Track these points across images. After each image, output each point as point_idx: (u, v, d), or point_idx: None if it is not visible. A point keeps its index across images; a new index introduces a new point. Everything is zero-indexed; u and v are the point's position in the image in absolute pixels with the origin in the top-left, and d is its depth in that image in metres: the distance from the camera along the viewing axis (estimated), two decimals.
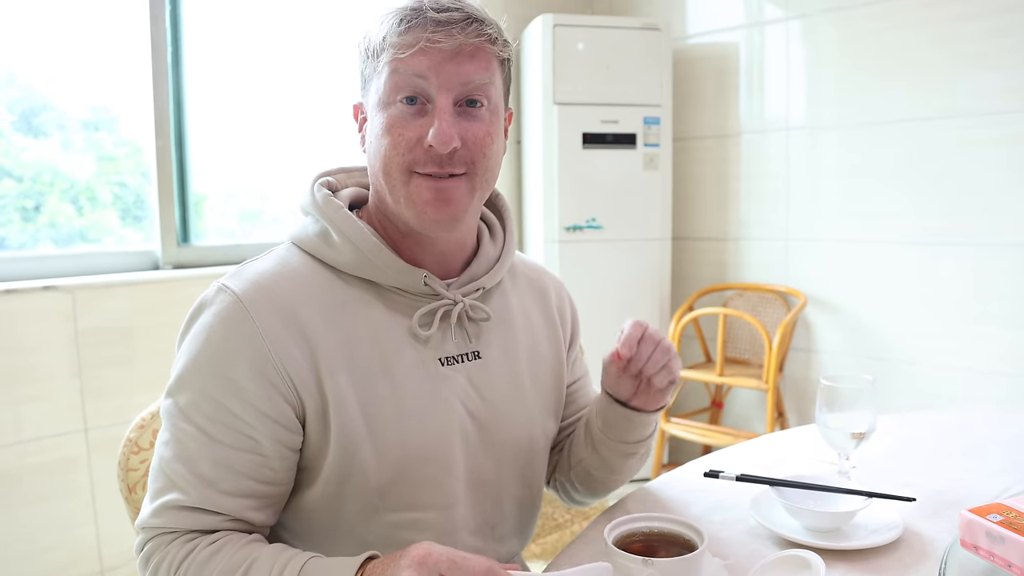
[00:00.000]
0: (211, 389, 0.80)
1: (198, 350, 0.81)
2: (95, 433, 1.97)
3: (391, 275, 0.87)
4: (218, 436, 0.79)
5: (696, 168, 3.20)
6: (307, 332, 0.82)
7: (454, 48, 0.81)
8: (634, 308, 3.02)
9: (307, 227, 0.90)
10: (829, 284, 2.86)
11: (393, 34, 0.81)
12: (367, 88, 0.87)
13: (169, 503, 0.78)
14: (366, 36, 0.86)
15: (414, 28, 0.80)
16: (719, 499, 1.06)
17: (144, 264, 2.19)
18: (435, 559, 0.66)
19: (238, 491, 0.80)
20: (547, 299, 1.05)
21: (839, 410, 1.05)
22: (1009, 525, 0.76)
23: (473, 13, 0.83)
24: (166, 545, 0.78)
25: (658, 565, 0.71)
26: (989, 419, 1.46)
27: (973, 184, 2.49)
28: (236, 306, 0.81)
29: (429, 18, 0.80)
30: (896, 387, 2.71)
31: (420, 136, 0.82)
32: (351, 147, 2.77)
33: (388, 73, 0.82)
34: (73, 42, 2.08)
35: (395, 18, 0.82)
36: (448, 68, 0.81)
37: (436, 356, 0.89)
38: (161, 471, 0.80)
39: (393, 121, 0.83)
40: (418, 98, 0.82)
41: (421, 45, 0.80)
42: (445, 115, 0.81)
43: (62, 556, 1.93)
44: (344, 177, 0.98)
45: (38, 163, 2.07)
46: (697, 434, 2.87)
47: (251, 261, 0.89)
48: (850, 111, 2.75)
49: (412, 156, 0.82)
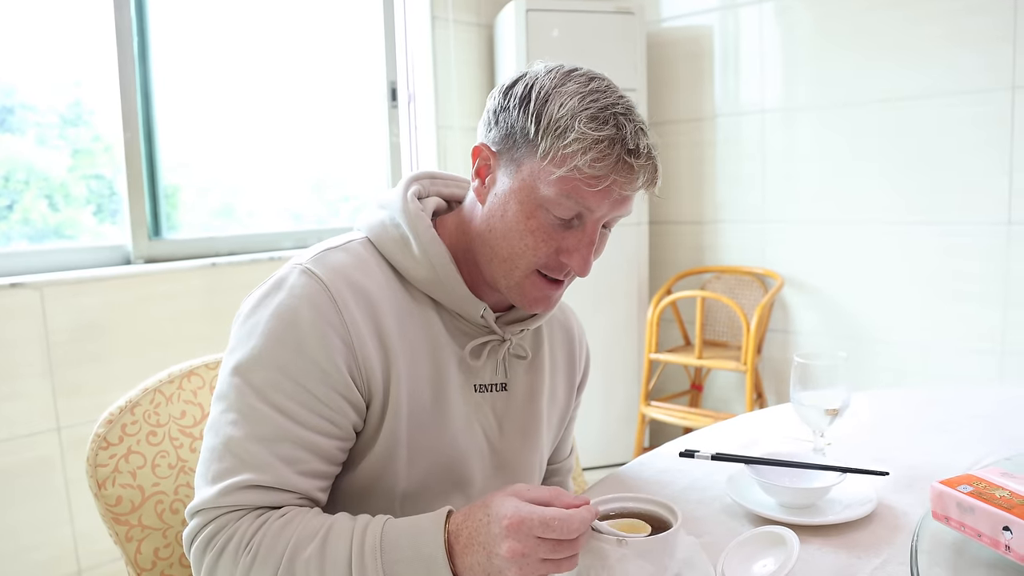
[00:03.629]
0: (294, 370, 0.79)
1: (281, 329, 0.80)
2: (68, 432, 1.94)
3: (455, 302, 0.89)
4: (302, 418, 0.78)
5: (672, 151, 3.20)
6: (383, 334, 0.84)
7: (630, 195, 0.83)
8: (613, 293, 3.02)
9: (387, 229, 0.90)
10: (806, 265, 2.88)
11: (584, 161, 0.78)
12: (515, 159, 0.83)
13: (241, 483, 0.76)
14: (542, 115, 0.80)
15: (605, 166, 0.78)
16: (695, 478, 1.06)
17: (115, 259, 2.16)
18: (528, 524, 0.68)
19: (315, 472, 0.80)
20: (573, 344, 1.09)
21: (813, 387, 1.06)
22: (979, 496, 0.76)
23: (656, 156, 0.83)
24: (235, 522, 0.75)
25: (632, 544, 0.71)
26: (963, 394, 1.47)
27: (950, 163, 2.51)
28: (325, 293, 0.81)
29: (623, 160, 0.79)
30: (875, 365, 2.74)
31: (560, 248, 0.84)
32: (334, 140, 2.73)
33: (559, 188, 0.80)
34: (43, 35, 2.03)
35: (592, 149, 0.78)
36: (613, 208, 0.83)
37: (472, 382, 0.92)
38: (228, 451, 0.77)
39: (540, 226, 0.83)
40: (574, 219, 0.84)
41: (605, 186, 0.79)
42: (592, 246, 0.84)
43: (42, 556, 1.91)
44: (428, 184, 0.97)
45: (11, 161, 2.02)
46: (677, 417, 2.88)
47: (328, 249, 0.87)
48: (825, 92, 2.76)
49: (546, 261, 0.85)
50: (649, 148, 0.81)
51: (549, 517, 0.68)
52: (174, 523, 0.97)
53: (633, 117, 0.82)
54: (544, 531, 0.68)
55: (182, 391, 1.04)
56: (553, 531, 0.68)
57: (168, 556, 0.96)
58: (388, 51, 2.89)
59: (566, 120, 0.79)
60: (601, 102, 0.80)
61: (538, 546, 0.68)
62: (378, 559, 0.72)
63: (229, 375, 0.81)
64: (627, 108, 0.82)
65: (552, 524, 0.68)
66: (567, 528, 0.68)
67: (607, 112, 0.79)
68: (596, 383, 2.99)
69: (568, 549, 0.70)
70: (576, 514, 0.69)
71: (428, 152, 2.93)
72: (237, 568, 0.73)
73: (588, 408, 2.98)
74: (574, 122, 0.78)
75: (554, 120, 0.79)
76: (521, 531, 0.68)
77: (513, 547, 0.68)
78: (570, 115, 0.79)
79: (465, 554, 0.71)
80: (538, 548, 0.68)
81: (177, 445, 1.00)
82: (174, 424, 1.01)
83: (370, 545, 0.73)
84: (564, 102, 0.80)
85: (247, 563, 0.73)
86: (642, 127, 0.82)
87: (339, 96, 2.78)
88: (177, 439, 1.00)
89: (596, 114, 0.79)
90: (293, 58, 2.61)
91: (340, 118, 2.79)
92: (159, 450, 0.98)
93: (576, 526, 0.68)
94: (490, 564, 0.70)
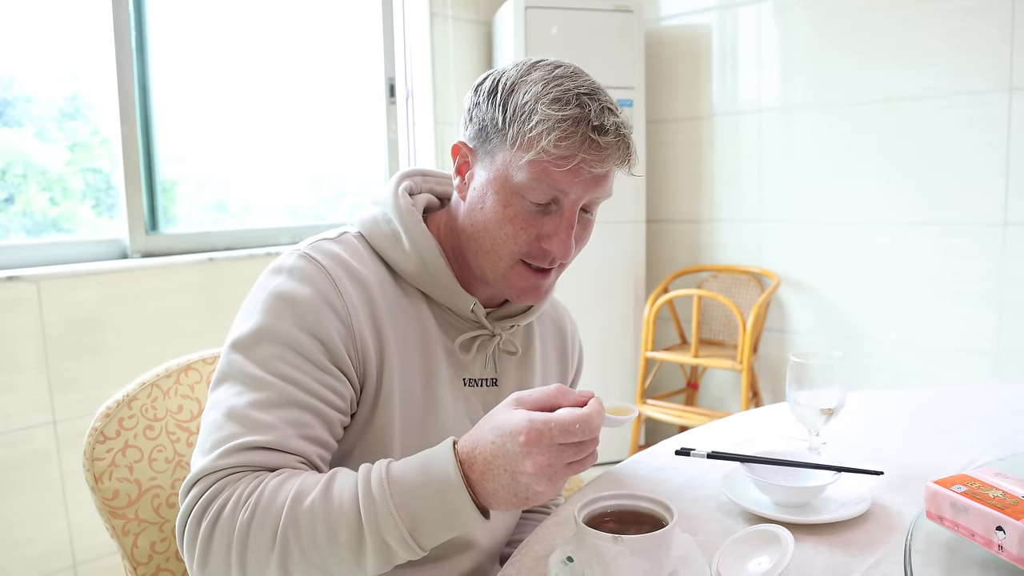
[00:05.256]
0: (295, 343, 0.79)
1: (281, 306, 0.80)
2: (64, 425, 1.93)
3: (445, 295, 0.90)
4: (308, 385, 0.78)
5: (669, 150, 3.20)
6: (377, 321, 0.85)
7: (602, 174, 0.82)
8: (609, 291, 3.03)
9: (379, 224, 0.91)
10: (802, 265, 2.89)
11: (550, 144, 0.78)
12: (489, 151, 0.85)
13: (243, 444, 0.73)
14: (507, 104, 0.82)
15: (572, 144, 0.79)
16: (691, 476, 1.06)
17: (112, 253, 2.15)
18: (548, 435, 0.66)
19: (318, 440, 0.79)
20: (565, 340, 1.10)
21: (809, 386, 1.06)
22: (973, 496, 0.77)
23: (624, 133, 0.82)
24: (234, 483, 0.72)
25: (627, 542, 0.71)
26: (959, 395, 1.48)
27: (946, 164, 2.52)
28: (325, 275, 0.82)
29: (588, 138, 0.79)
30: (871, 366, 2.74)
31: (540, 234, 0.84)
32: (332, 136, 2.73)
33: (529, 171, 0.81)
34: (42, 27, 2.02)
35: (556, 128, 0.79)
36: (588, 188, 0.83)
37: (462, 375, 0.93)
38: (229, 419, 0.75)
39: (518, 213, 0.84)
40: (551, 203, 0.84)
41: (573, 165, 0.79)
42: (571, 229, 0.84)
43: (37, 549, 1.91)
44: (420, 181, 0.98)
45: (10, 154, 2.02)
46: (673, 415, 2.89)
47: (324, 239, 0.88)
48: (822, 92, 2.76)
49: (527, 249, 0.85)
50: (618, 126, 0.81)
51: (568, 421, 0.67)
52: (171, 517, 0.97)
53: (599, 97, 0.82)
54: (566, 436, 0.66)
55: (179, 385, 1.04)
56: (575, 435, 0.67)
57: (164, 550, 0.96)
58: (387, 47, 2.89)
59: (530, 104, 0.80)
60: (565, 85, 0.81)
61: (562, 452, 0.67)
62: (386, 489, 0.69)
63: (228, 352, 0.81)
64: (592, 89, 0.82)
65: (572, 428, 0.66)
66: (588, 428, 0.67)
67: (569, 93, 0.81)
68: (592, 381, 2.99)
69: (591, 445, 0.69)
70: (592, 412, 0.68)
71: (426, 148, 2.92)
72: (235, 530, 0.69)
73: None
74: (537, 105, 0.80)
75: (519, 107, 0.81)
76: (542, 442, 0.66)
77: (538, 461, 0.66)
78: (534, 99, 0.80)
79: (484, 480, 0.69)
80: (562, 454, 0.67)
81: (174, 439, 1.00)
82: (171, 418, 1.01)
83: (376, 479, 0.70)
84: (528, 89, 0.82)
85: (245, 521, 0.69)
86: (609, 106, 0.82)
87: (338, 92, 2.78)
88: (174, 433, 1.01)
89: (559, 96, 0.80)
90: (292, 54, 2.61)
91: (338, 114, 2.79)
92: (156, 444, 0.98)
93: (597, 423, 0.68)
94: (516, 484, 0.68)
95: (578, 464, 0.69)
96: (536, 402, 0.71)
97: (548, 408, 0.70)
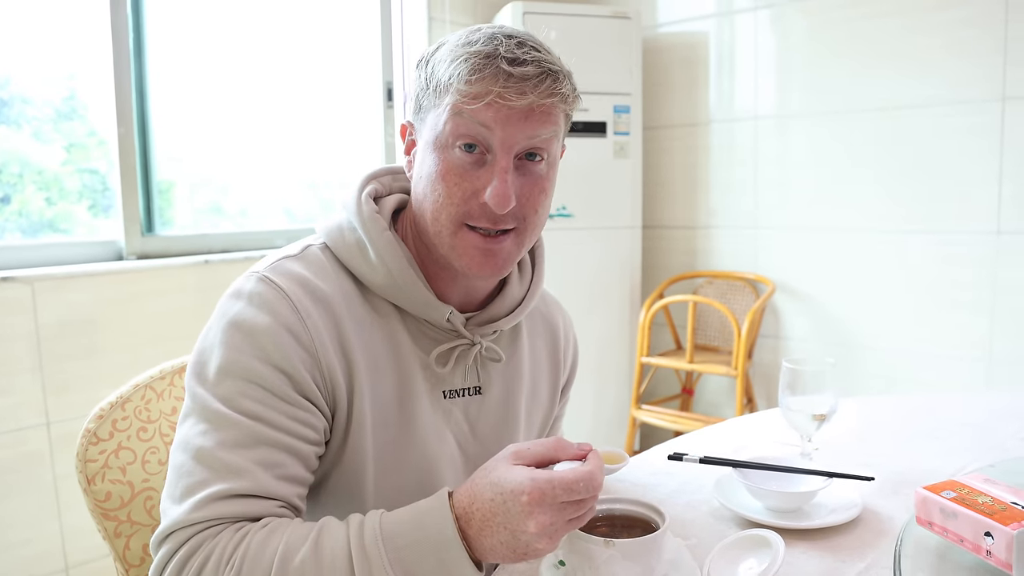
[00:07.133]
0: (262, 379, 0.76)
1: (240, 338, 0.77)
2: (57, 427, 1.93)
3: (418, 307, 0.86)
4: (276, 421, 0.75)
5: (666, 156, 3.21)
6: (344, 345, 0.81)
7: (524, 107, 0.77)
8: (605, 296, 3.03)
9: (344, 234, 0.86)
10: (798, 271, 2.90)
11: (461, 80, 0.76)
12: (422, 117, 0.83)
13: (217, 494, 0.70)
14: (430, 64, 0.82)
15: (485, 79, 0.76)
16: (683, 481, 1.07)
17: (108, 254, 2.15)
18: (551, 495, 0.65)
19: (294, 478, 0.76)
20: (556, 339, 1.05)
21: (801, 392, 1.06)
22: (962, 501, 0.77)
23: (547, 66, 0.78)
24: (213, 537, 0.69)
25: (619, 546, 0.71)
26: (952, 401, 1.48)
27: (940, 173, 2.53)
28: (285, 302, 0.78)
29: (502, 70, 0.76)
30: (865, 372, 2.75)
31: (476, 189, 0.79)
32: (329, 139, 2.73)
33: (450, 115, 0.78)
34: (39, 27, 2.03)
35: (465, 63, 0.77)
36: (514, 126, 0.78)
37: (441, 388, 0.89)
38: (199, 464, 0.72)
39: (449, 168, 0.79)
40: (478, 146, 0.79)
41: (490, 99, 0.76)
42: (505, 174, 0.78)
43: (30, 552, 1.90)
44: (390, 180, 0.94)
45: (7, 153, 2.02)
46: (668, 421, 2.89)
47: (285, 258, 0.84)
48: (818, 100, 2.78)
49: (466, 208, 0.80)
50: (538, 59, 0.77)
51: (572, 480, 0.66)
52: None
53: (515, 34, 0.79)
54: (569, 495, 0.66)
55: (173, 388, 1.04)
56: (578, 493, 0.66)
57: None
58: (384, 51, 2.89)
59: (446, 54, 0.80)
60: (482, 30, 0.81)
61: (564, 510, 0.66)
62: (380, 546, 0.67)
63: (191, 384, 0.78)
64: (510, 33, 0.80)
65: (576, 487, 0.66)
66: (592, 486, 0.66)
67: (482, 34, 0.80)
68: (587, 386, 3.00)
69: (592, 500, 0.68)
70: (594, 468, 0.67)
71: None
72: None
73: (579, 410, 2.99)
74: (451, 53, 0.79)
75: (439, 62, 0.81)
76: (544, 503, 0.65)
77: (541, 520, 0.65)
78: (449, 50, 0.80)
79: (482, 536, 0.67)
80: (564, 512, 0.67)
81: (167, 442, 1.00)
82: (165, 420, 1.01)
83: (370, 535, 0.68)
84: (446, 44, 0.82)
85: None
86: (531, 43, 0.79)
87: (335, 95, 2.78)
88: (168, 435, 1.01)
89: (473, 39, 0.79)
90: (290, 57, 2.61)
91: (335, 117, 2.79)
92: (149, 446, 0.98)
93: (600, 480, 0.67)
94: (516, 541, 0.67)
95: (578, 520, 0.69)
96: (535, 457, 0.69)
97: (547, 462, 0.70)
